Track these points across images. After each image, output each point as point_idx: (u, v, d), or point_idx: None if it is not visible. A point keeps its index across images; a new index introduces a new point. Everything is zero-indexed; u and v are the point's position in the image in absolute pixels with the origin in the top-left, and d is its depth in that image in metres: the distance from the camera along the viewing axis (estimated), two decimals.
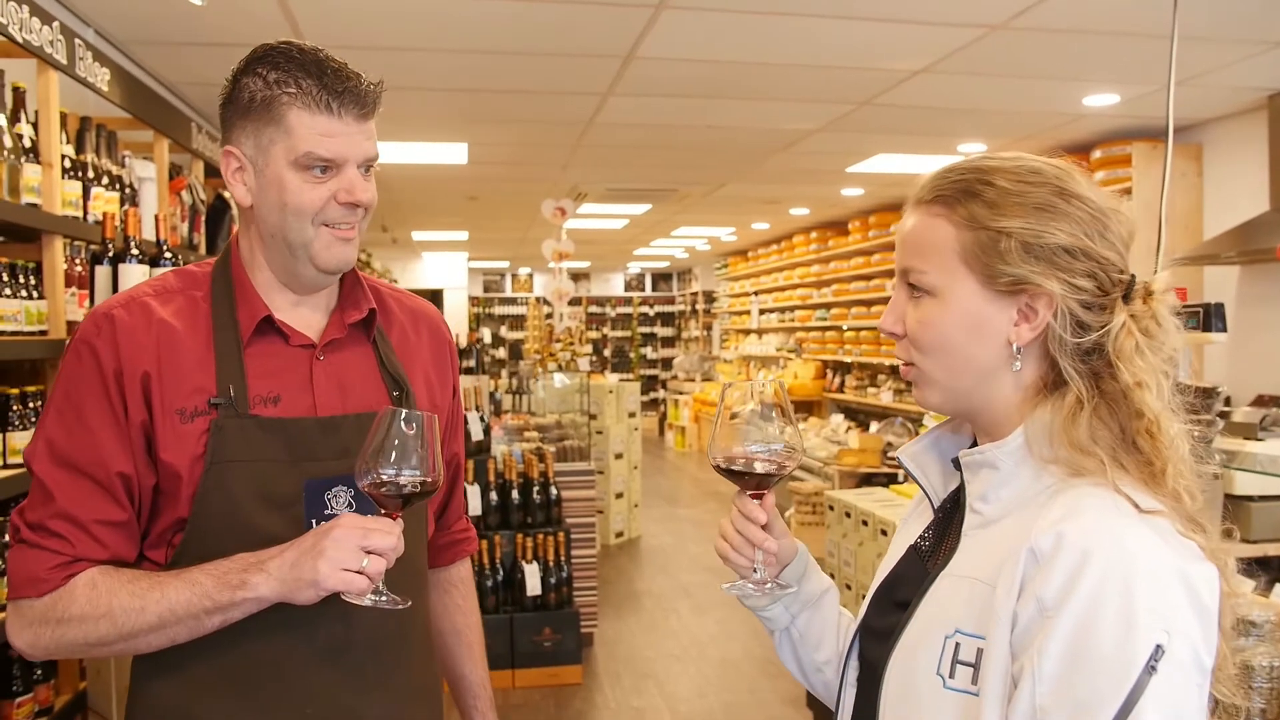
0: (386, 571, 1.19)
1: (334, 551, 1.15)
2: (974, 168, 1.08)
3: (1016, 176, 1.05)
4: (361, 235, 1.38)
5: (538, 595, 4.82)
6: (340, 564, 1.15)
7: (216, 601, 1.19)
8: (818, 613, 1.28)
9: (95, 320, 1.28)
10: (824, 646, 1.28)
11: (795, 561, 1.25)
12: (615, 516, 7.77)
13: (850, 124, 5.60)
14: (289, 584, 1.17)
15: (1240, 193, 5.33)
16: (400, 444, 1.18)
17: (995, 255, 1.03)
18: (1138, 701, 0.86)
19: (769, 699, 4.64)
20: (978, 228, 1.04)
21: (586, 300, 18.00)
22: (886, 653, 1.06)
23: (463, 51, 4.20)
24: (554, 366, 6.98)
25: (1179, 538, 0.95)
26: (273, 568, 1.18)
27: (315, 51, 1.29)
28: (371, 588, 1.18)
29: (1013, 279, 1.03)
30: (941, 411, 1.14)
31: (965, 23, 3.82)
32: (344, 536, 1.16)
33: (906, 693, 1.02)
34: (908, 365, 1.11)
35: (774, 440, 1.16)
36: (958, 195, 1.06)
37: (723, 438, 1.18)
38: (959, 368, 1.07)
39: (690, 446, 13.96)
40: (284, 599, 1.18)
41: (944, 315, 1.06)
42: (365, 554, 1.16)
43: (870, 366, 9.90)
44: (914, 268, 1.08)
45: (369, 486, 1.19)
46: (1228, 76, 4.61)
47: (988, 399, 1.08)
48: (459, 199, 8.58)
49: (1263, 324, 5.13)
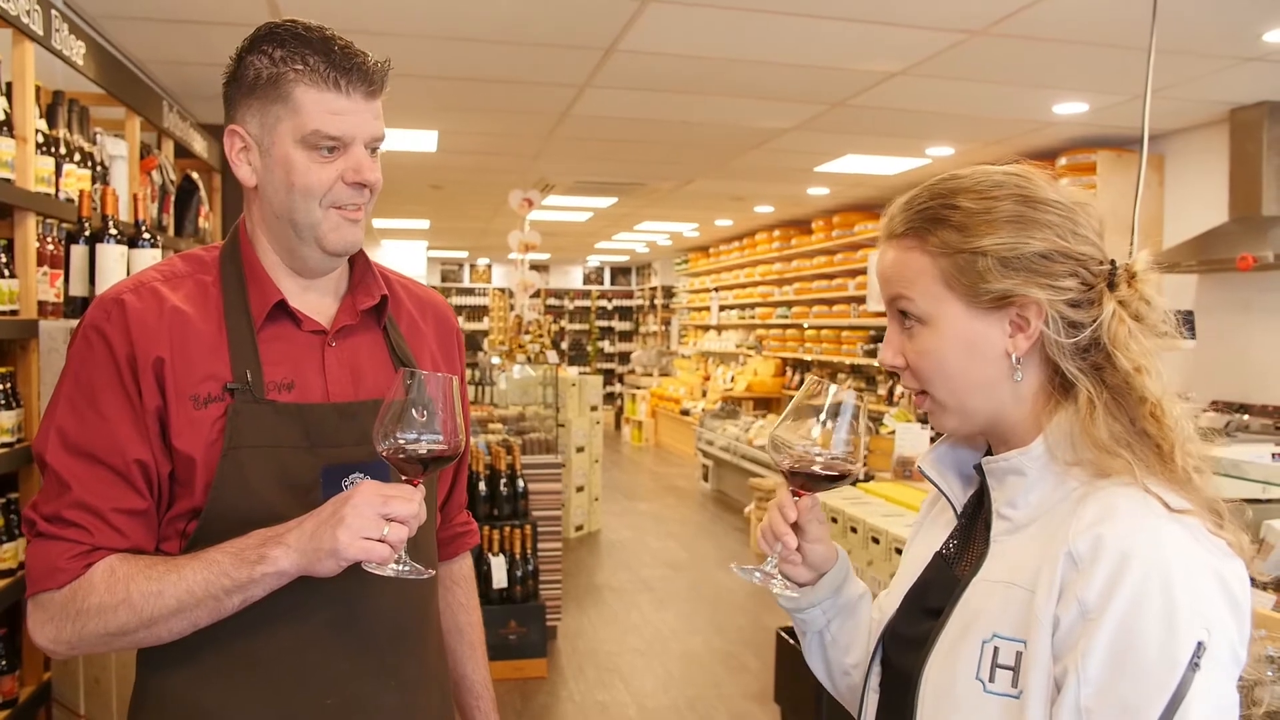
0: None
1: (354, 519, 1.11)
2: (937, 193, 1.08)
3: (980, 194, 1.06)
4: (368, 217, 1.35)
5: (504, 588, 4.79)
6: (361, 532, 1.11)
7: (235, 579, 1.15)
8: (852, 618, 1.28)
9: (104, 306, 1.25)
10: (854, 650, 1.28)
11: (835, 570, 1.25)
12: (576, 510, 7.76)
13: (823, 124, 5.64)
14: (309, 555, 1.13)
15: (1200, 203, 5.46)
16: (421, 406, 1.15)
17: (975, 275, 1.04)
18: (1184, 698, 0.88)
19: (733, 693, 4.66)
20: (953, 253, 1.05)
21: (545, 292, 17.91)
22: (921, 659, 1.07)
23: (442, 38, 4.15)
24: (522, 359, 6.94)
25: (1209, 536, 0.97)
26: (291, 539, 1.14)
27: (321, 29, 1.27)
28: (393, 556, 1.14)
29: (997, 295, 1.04)
30: (959, 433, 1.15)
31: (948, 27, 3.85)
32: (364, 504, 1.12)
33: (944, 698, 1.03)
34: (920, 395, 1.12)
35: (835, 447, 1.15)
36: (927, 224, 1.07)
37: (785, 428, 1.17)
38: (964, 389, 1.08)
39: (647, 441, 13.98)
40: (305, 571, 1.15)
41: (939, 342, 1.07)
42: (386, 522, 1.13)
43: (830, 364, 9.98)
44: (901, 297, 1.09)
45: (388, 451, 1.15)
46: (1193, 89, 4.72)
47: (999, 412, 1.09)
48: (423, 187, 8.49)
49: (1219, 332, 5.26)
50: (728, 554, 7.38)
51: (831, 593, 1.25)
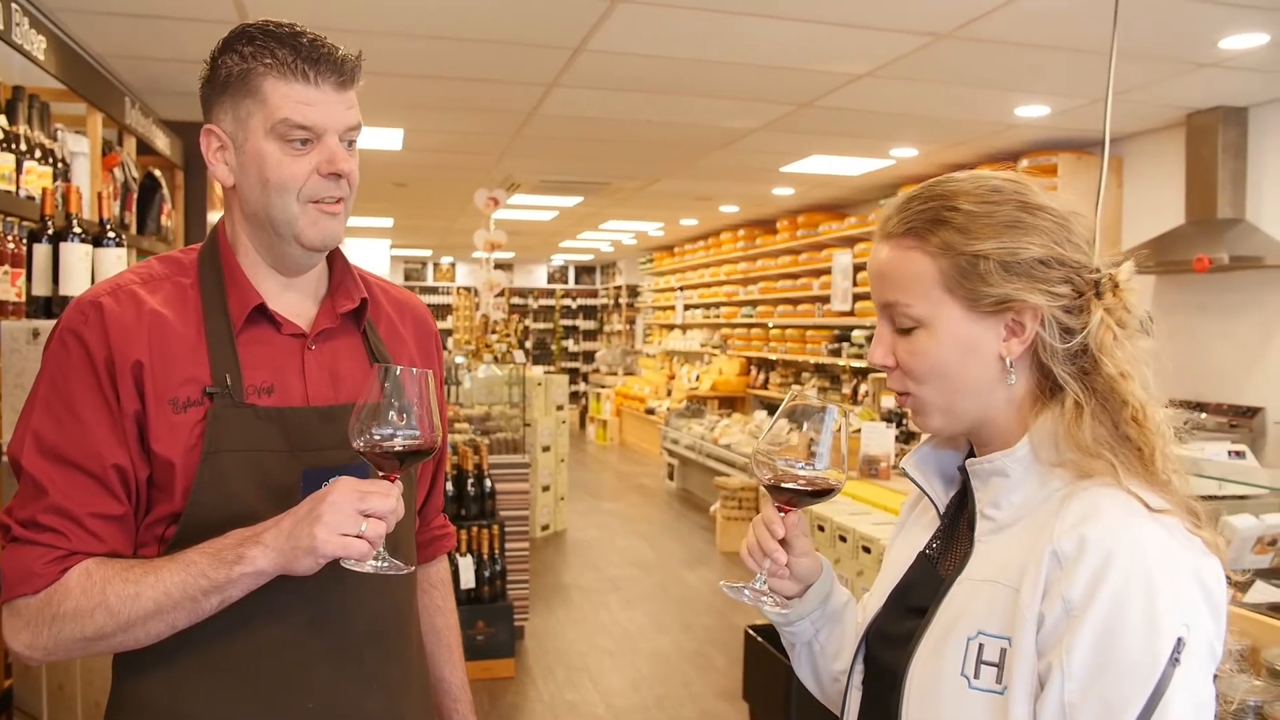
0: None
1: (331, 516, 1.11)
2: (937, 194, 1.10)
3: (979, 197, 1.08)
4: (348, 212, 1.35)
5: (471, 588, 4.77)
6: (338, 529, 1.11)
7: (213, 580, 1.13)
8: (839, 625, 1.30)
9: (81, 309, 1.23)
10: (843, 656, 1.29)
11: (820, 581, 1.26)
12: (542, 509, 7.74)
13: (790, 124, 5.67)
14: (286, 554, 1.12)
15: (1157, 205, 5.57)
16: (396, 401, 1.15)
17: (976, 278, 1.05)
18: (1165, 692, 0.91)
19: (702, 692, 4.68)
20: (954, 254, 1.06)
21: (509, 291, 17.82)
22: (907, 657, 1.08)
23: (409, 36, 4.13)
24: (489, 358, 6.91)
25: (1187, 534, 1.00)
26: (269, 539, 1.13)
27: (292, 26, 1.27)
28: (372, 553, 1.14)
29: (997, 298, 1.05)
30: (943, 434, 1.17)
31: (913, 30, 3.90)
32: (341, 500, 1.12)
33: (930, 695, 1.04)
34: (903, 395, 1.13)
35: (819, 461, 1.15)
36: (928, 225, 1.08)
37: (768, 443, 1.17)
38: (956, 390, 1.09)
39: (612, 440, 13.97)
40: (283, 570, 1.14)
41: (935, 344, 1.08)
42: (364, 518, 1.12)
43: (795, 364, 10.04)
44: (898, 301, 1.10)
45: (364, 447, 1.15)
46: (1152, 94, 4.81)
47: (986, 415, 1.10)
48: (387, 185, 8.42)
49: (1174, 332, 5.36)
50: (694, 553, 7.40)
51: (819, 603, 1.27)
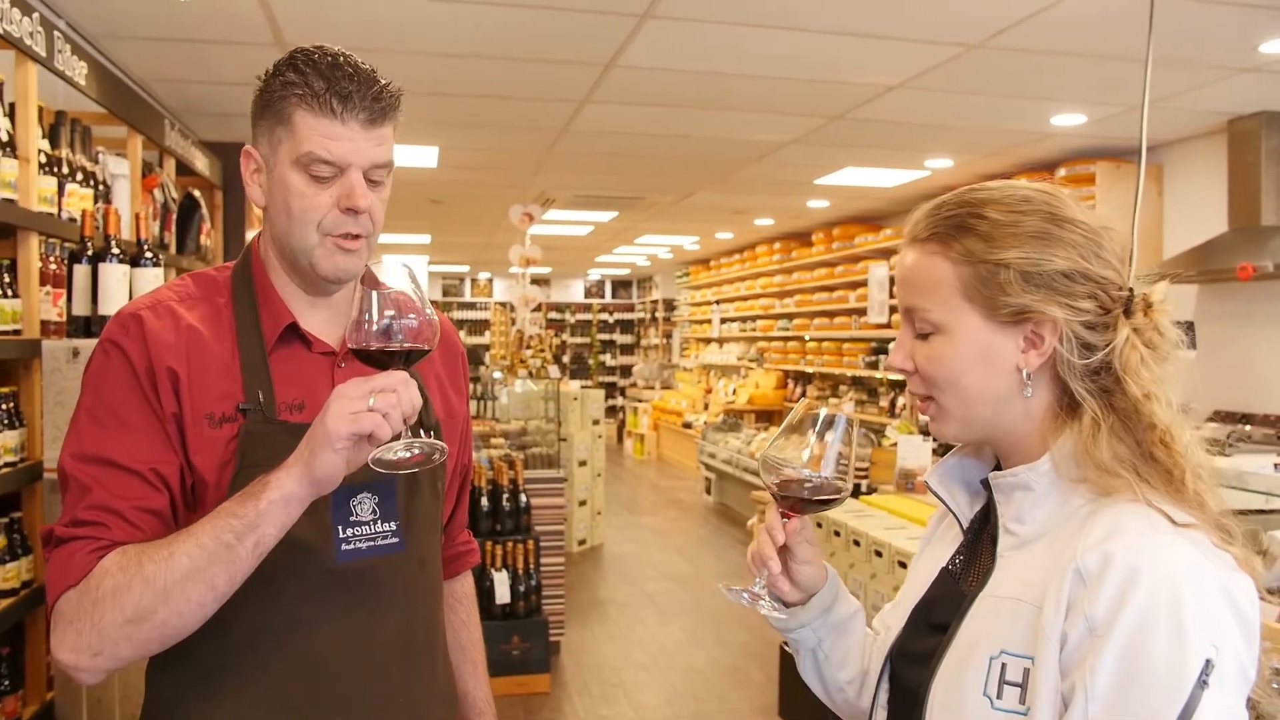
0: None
1: (336, 404, 1.10)
2: (965, 201, 1.09)
3: (1008, 206, 1.07)
4: (369, 250, 1.35)
5: (506, 604, 4.78)
6: (346, 410, 1.09)
7: (242, 518, 1.11)
8: (844, 636, 1.28)
9: (122, 321, 1.26)
10: (848, 666, 1.28)
11: (824, 591, 1.25)
12: (579, 524, 7.74)
13: (823, 137, 5.66)
14: (306, 462, 1.11)
15: (1199, 213, 5.47)
16: (391, 298, 1.14)
17: (996, 288, 1.04)
18: (1192, 715, 0.88)
19: (739, 708, 4.65)
20: (976, 262, 1.05)
21: (546, 306, 17.92)
22: (928, 676, 1.06)
23: (443, 55, 4.18)
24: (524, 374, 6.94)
25: (1215, 550, 0.97)
26: (289, 461, 1.13)
27: (337, 55, 1.28)
28: (389, 429, 1.10)
29: (1015, 309, 1.04)
30: (959, 441, 1.16)
31: (944, 41, 3.87)
32: (346, 389, 1.11)
33: (951, 715, 1.03)
34: (924, 400, 1.12)
35: (825, 468, 1.15)
36: (952, 231, 1.07)
37: (776, 449, 1.17)
38: (972, 399, 1.08)
39: (649, 454, 13.95)
40: (309, 484, 1.11)
41: (953, 350, 1.07)
42: (371, 394, 1.10)
43: (832, 377, 9.98)
44: (918, 307, 1.09)
45: (357, 344, 1.13)
46: (1191, 100, 4.73)
47: (1004, 426, 1.09)
48: (423, 202, 8.51)
49: (1219, 342, 5.27)
50: (731, 567, 7.36)
51: (820, 614, 1.25)
